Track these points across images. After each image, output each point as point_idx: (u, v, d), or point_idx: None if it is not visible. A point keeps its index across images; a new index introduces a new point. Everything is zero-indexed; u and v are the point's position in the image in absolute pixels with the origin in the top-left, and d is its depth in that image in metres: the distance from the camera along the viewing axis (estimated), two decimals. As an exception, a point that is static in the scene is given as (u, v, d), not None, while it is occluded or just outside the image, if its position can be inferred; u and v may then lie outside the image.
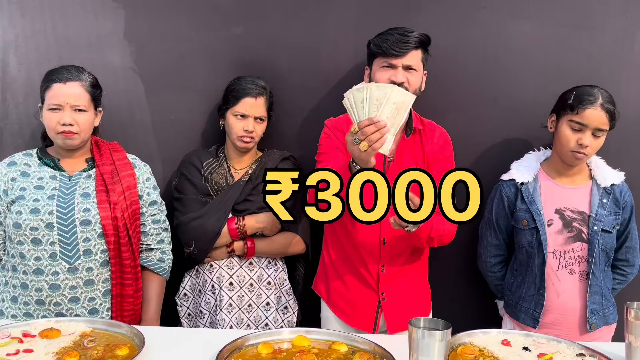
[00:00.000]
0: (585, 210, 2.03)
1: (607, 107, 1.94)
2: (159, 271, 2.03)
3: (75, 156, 1.94)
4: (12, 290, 1.86)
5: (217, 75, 2.24)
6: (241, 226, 2.03)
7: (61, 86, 1.84)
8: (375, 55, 1.95)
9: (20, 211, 1.81)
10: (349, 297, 2.02)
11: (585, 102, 1.94)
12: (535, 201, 2.03)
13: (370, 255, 1.98)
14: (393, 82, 1.83)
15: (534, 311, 2.04)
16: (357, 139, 1.53)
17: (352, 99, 1.50)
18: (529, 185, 2.06)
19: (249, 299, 2.05)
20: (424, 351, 1.27)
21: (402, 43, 1.88)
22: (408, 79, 1.91)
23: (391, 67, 1.91)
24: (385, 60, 1.91)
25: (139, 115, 2.30)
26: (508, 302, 2.16)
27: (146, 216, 1.99)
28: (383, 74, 1.91)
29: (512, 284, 2.14)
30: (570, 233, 2.02)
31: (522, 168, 2.10)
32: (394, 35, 1.90)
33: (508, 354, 1.53)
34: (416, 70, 1.93)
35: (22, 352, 1.44)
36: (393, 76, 1.89)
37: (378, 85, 1.48)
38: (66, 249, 1.81)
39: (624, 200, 2.07)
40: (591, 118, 1.93)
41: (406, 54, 1.89)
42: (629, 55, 2.23)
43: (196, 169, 2.10)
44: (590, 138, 1.95)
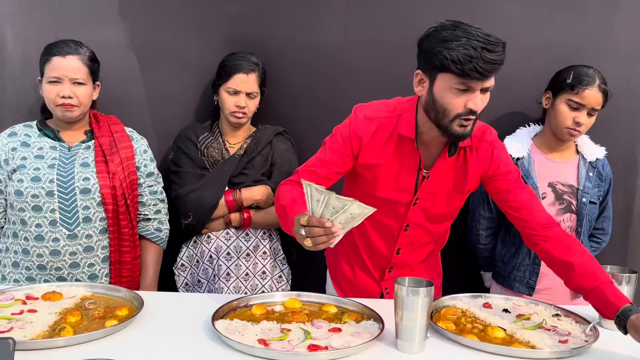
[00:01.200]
0: (574, 184, 2.13)
1: (603, 88, 2.02)
2: (156, 240, 2.09)
3: (74, 128, 1.99)
4: (13, 255, 1.92)
5: (210, 52, 2.27)
6: (238, 198, 2.10)
7: (60, 60, 1.89)
8: (445, 70, 1.49)
9: (22, 179, 1.86)
10: (353, 281, 1.95)
11: (585, 82, 2.01)
12: (531, 175, 2.11)
13: (381, 258, 1.88)
14: (471, 111, 1.52)
15: (529, 279, 2.13)
16: (303, 234, 1.37)
17: (309, 193, 1.37)
18: (524, 160, 2.12)
19: (245, 268, 2.13)
20: (408, 307, 1.34)
21: (490, 64, 1.45)
22: (482, 101, 1.54)
23: (468, 89, 1.50)
24: (462, 82, 1.49)
25: (134, 91, 2.34)
26: (499, 273, 2.23)
27: (143, 187, 2.05)
28: (458, 98, 1.51)
29: (504, 255, 2.21)
30: (561, 205, 2.11)
31: (516, 143, 2.15)
32: (478, 50, 1.44)
33: (488, 315, 1.62)
34: (489, 88, 1.55)
35: (27, 312, 1.51)
36: (471, 102, 1.51)
37: (338, 198, 1.33)
38: (66, 216, 1.87)
39: (606, 174, 2.17)
40: (590, 98, 2.02)
41: (491, 77, 1.50)
42: (609, 34, 2.30)
43: (192, 143, 2.15)
44: (586, 117, 2.04)
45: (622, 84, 2.26)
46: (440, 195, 1.75)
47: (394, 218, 1.78)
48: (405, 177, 1.72)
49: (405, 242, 1.82)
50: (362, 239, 1.88)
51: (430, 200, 1.75)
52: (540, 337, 1.46)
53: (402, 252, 1.85)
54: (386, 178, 1.72)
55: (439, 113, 1.56)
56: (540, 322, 1.57)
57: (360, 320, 1.53)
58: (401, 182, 1.72)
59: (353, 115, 1.73)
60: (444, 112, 1.54)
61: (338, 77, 2.32)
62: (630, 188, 2.40)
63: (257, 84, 2.13)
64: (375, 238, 1.84)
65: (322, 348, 1.33)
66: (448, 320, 1.56)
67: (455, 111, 1.53)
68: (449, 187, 1.75)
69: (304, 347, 1.34)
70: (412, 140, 1.67)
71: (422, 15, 2.04)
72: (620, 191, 2.37)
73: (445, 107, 1.54)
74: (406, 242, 1.82)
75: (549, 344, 1.42)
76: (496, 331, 1.49)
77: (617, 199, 2.34)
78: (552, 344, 1.42)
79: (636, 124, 2.37)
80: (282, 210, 1.60)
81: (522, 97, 2.25)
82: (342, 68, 2.30)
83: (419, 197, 1.74)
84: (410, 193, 1.73)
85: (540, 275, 2.13)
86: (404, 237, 1.81)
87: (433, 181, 1.72)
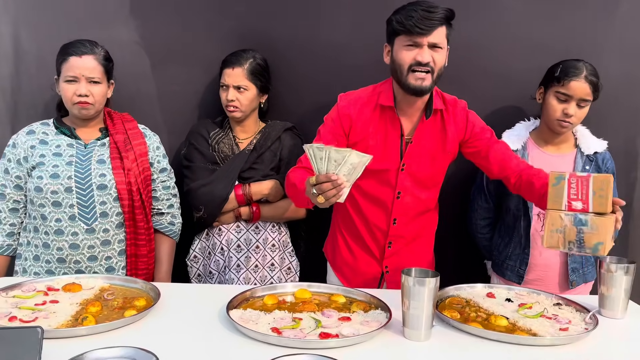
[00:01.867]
0: None
1: (591, 79, 2.06)
2: (169, 234, 2.16)
3: (89, 126, 2.06)
4: (34, 249, 1.99)
5: (219, 49, 2.31)
6: (247, 192, 2.16)
7: (77, 59, 1.95)
8: (397, 33, 1.81)
9: (41, 176, 1.93)
10: (354, 265, 2.08)
11: (571, 74, 2.06)
12: None
13: (379, 232, 2.02)
14: (419, 62, 1.78)
15: (519, 268, 2.20)
16: (315, 192, 1.53)
17: (311, 153, 1.53)
18: (518, 153, 2.17)
19: (255, 260, 2.19)
20: (414, 297, 1.40)
21: (428, 20, 1.75)
22: (434, 57, 1.80)
23: (416, 45, 1.79)
24: (409, 38, 1.78)
25: (145, 88, 2.39)
26: (495, 262, 2.31)
27: (157, 182, 2.12)
28: (407, 53, 1.80)
29: (499, 244, 2.28)
30: None
31: (513, 137, 2.21)
32: (418, 11, 1.76)
33: (492, 305, 1.68)
34: (441, 47, 1.81)
35: (49, 302, 1.57)
36: (419, 55, 1.78)
37: (337, 150, 1.49)
38: (84, 211, 1.94)
39: (606, 167, 2.20)
40: (576, 89, 2.06)
41: (432, 32, 1.77)
42: (610, 29, 2.34)
43: (204, 138, 2.21)
44: (575, 108, 2.08)
45: (622, 78, 2.31)
46: (424, 158, 1.95)
47: (385, 188, 1.97)
48: (391, 145, 1.93)
49: (400, 211, 1.98)
50: (360, 217, 2.03)
51: (416, 165, 1.95)
52: (541, 325, 1.52)
53: (398, 222, 2.00)
54: (374, 149, 1.90)
55: (397, 71, 1.84)
56: (541, 310, 1.63)
57: (369, 310, 1.60)
58: (388, 150, 1.93)
59: (339, 101, 1.98)
60: (400, 68, 1.82)
61: (345, 73, 2.36)
62: (631, 180, 2.46)
63: (244, 76, 2.15)
64: (371, 212, 2.01)
65: (333, 336, 1.40)
66: (453, 309, 1.62)
67: (407, 64, 1.80)
68: (432, 150, 1.95)
69: (316, 335, 1.40)
70: (391, 108, 1.91)
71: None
72: (621, 184, 2.41)
73: (400, 62, 1.82)
74: (400, 211, 1.98)
75: (550, 332, 1.48)
76: (499, 319, 1.54)
77: (619, 192, 2.39)
78: (553, 332, 1.48)
79: (637, 117, 2.41)
80: (293, 188, 1.79)
81: (523, 92, 2.29)
82: (349, 64, 2.35)
83: (405, 163, 1.94)
84: (397, 159, 1.94)
85: (530, 267, 2.18)
86: (398, 205, 1.97)
87: (416, 145, 1.93)
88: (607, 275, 1.64)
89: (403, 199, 1.97)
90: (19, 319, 1.44)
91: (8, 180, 1.98)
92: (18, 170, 1.97)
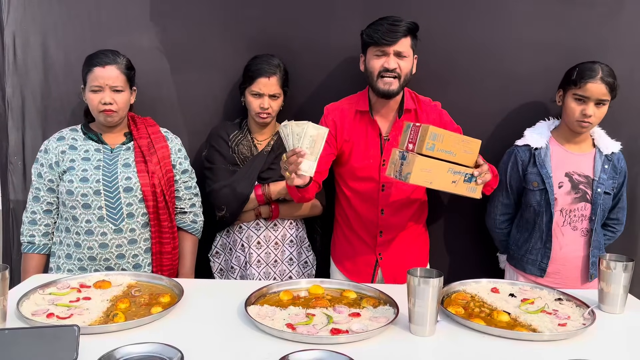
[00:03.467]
0: (589, 174, 2.24)
1: (607, 80, 2.11)
2: (192, 231, 2.29)
3: (115, 131, 2.18)
4: (66, 248, 2.13)
5: (236, 53, 2.42)
6: (267, 192, 2.27)
7: (101, 70, 2.06)
8: (368, 45, 2.10)
9: (72, 180, 2.06)
10: (351, 254, 2.28)
11: (587, 76, 2.12)
12: (545, 165, 2.22)
13: (370, 223, 2.22)
14: (386, 69, 2.05)
15: (541, 262, 2.27)
16: (285, 166, 1.80)
17: (282, 133, 1.79)
18: (541, 151, 2.24)
19: (274, 256, 2.31)
20: (420, 295, 1.50)
21: (392, 32, 2.02)
22: (399, 64, 2.06)
23: (383, 54, 2.06)
24: (377, 49, 2.06)
25: (166, 92, 2.49)
26: (513, 256, 2.38)
27: (179, 183, 2.23)
28: (376, 61, 2.07)
29: (518, 239, 2.35)
30: (577, 194, 2.23)
31: (535, 135, 2.28)
32: (384, 25, 2.03)
33: (496, 300, 1.76)
34: (406, 56, 2.07)
35: (82, 299, 1.70)
36: (386, 63, 2.05)
37: (297, 123, 1.75)
38: (112, 212, 2.07)
39: (620, 167, 2.27)
40: (592, 90, 2.12)
41: (396, 42, 2.03)
42: (616, 30, 2.38)
43: (224, 141, 2.32)
44: (594, 108, 2.14)
45: (627, 78, 2.34)
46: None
47: (371, 182, 2.20)
48: (371, 144, 2.18)
49: (386, 202, 2.20)
50: (352, 212, 2.26)
51: None
52: (541, 321, 1.60)
53: (386, 212, 2.21)
54: (357, 149, 2.18)
55: (369, 77, 2.12)
56: (542, 306, 1.71)
57: (378, 305, 1.70)
58: (369, 149, 2.18)
59: (325, 112, 2.24)
60: (371, 75, 2.10)
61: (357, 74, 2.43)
62: (634, 176, 2.50)
63: (279, 85, 2.26)
64: (362, 206, 2.23)
65: (344, 332, 1.50)
66: (458, 304, 1.71)
67: (376, 70, 2.08)
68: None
69: (327, 331, 1.51)
70: (367, 112, 2.18)
71: (436, 16, 2.15)
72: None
73: (370, 70, 2.10)
74: (386, 202, 2.20)
75: (549, 327, 1.56)
76: (501, 315, 1.63)
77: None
78: (552, 327, 1.56)
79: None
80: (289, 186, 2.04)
81: (532, 92, 2.35)
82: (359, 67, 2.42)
83: (385, 159, 2.15)
84: (378, 156, 2.18)
85: (550, 260, 2.25)
86: (383, 197, 2.20)
87: (393, 142, 2.15)
88: (606, 272, 1.71)
89: (387, 191, 2.20)
90: (56, 316, 1.56)
91: (42, 184, 2.12)
92: (50, 174, 2.11)
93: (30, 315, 1.55)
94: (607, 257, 1.73)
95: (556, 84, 2.25)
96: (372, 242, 2.25)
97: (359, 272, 2.27)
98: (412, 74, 2.14)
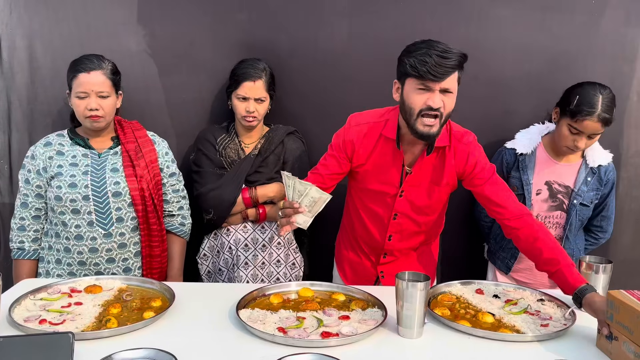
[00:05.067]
0: (570, 185, 2.28)
1: (605, 116, 2.07)
2: (180, 234, 2.31)
3: (102, 135, 2.18)
4: (56, 253, 2.13)
5: (224, 57, 2.43)
6: (254, 195, 2.29)
7: (86, 75, 2.05)
8: (408, 75, 1.78)
9: (60, 185, 2.06)
10: (354, 264, 2.22)
11: (585, 113, 2.07)
12: (527, 172, 2.27)
13: (376, 244, 2.12)
14: (430, 107, 1.77)
15: (508, 261, 2.34)
16: (280, 214, 1.82)
17: (284, 180, 1.79)
18: (527, 157, 2.28)
19: (262, 258, 2.34)
20: (407, 298, 1.54)
21: (441, 67, 1.72)
22: (444, 102, 1.78)
23: (427, 89, 1.76)
24: (421, 82, 1.76)
25: (154, 95, 2.50)
26: (490, 249, 2.46)
27: (167, 186, 2.25)
28: (419, 97, 1.78)
29: (497, 235, 2.42)
30: (554, 203, 2.28)
31: (525, 140, 2.30)
32: (433, 56, 1.72)
33: (480, 301, 1.81)
34: (452, 92, 1.80)
35: (74, 304, 1.70)
36: (429, 100, 1.76)
37: (301, 182, 1.76)
38: (101, 217, 2.08)
39: (607, 178, 2.30)
40: (588, 127, 2.10)
41: (446, 78, 1.74)
42: (596, 36, 2.44)
43: (211, 144, 2.33)
44: (585, 140, 2.14)
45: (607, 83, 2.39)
46: (421, 188, 2.02)
47: (383, 208, 2.06)
48: (391, 173, 2.00)
49: (395, 229, 2.08)
50: (361, 228, 2.15)
51: (414, 193, 2.02)
52: (524, 322, 1.65)
53: (393, 239, 2.10)
54: (375, 173, 2.01)
55: (406, 112, 1.84)
56: (525, 307, 1.76)
57: (366, 308, 1.73)
58: (388, 176, 2.01)
59: (347, 124, 2.03)
60: (410, 111, 1.82)
61: (343, 78, 2.48)
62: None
63: (265, 89, 2.27)
64: (370, 226, 2.11)
65: (334, 335, 1.53)
66: (444, 306, 1.76)
67: (418, 108, 1.79)
68: (429, 181, 2.01)
69: (318, 334, 1.54)
70: (394, 141, 1.95)
71: (422, 20, 2.18)
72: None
73: (410, 105, 1.81)
74: (396, 229, 2.07)
75: (532, 328, 1.61)
76: (486, 316, 1.68)
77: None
78: (534, 328, 1.61)
79: (620, 120, 2.52)
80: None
81: (513, 97, 2.40)
82: (347, 70, 2.47)
83: (403, 190, 2.02)
84: (396, 186, 2.01)
85: (521, 256, 2.31)
86: (393, 225, 2.07)
87: (415, 176, 1.99)
88: (586, 274, 1.78)
89: (399, 219, 2.06)
90: (48, 322, 1.57)
91: (30, 190, 2.12)
92: (38, 180, 2.11)
93: (22, 321, 1.56)
94: (587, 259, 1.79)
95: (538, 88, 2.32)
96: (375, 260, 2.18)
97: (359, 283, 2.16)
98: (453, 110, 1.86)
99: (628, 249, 2.64)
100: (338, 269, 2.30)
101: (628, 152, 2.55)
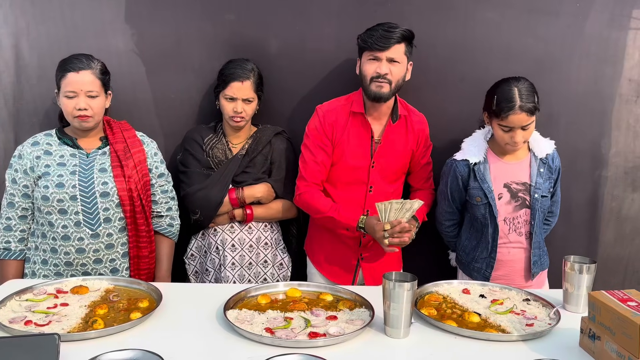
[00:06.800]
0: (527, 181, 2.28)
1: (527, 106, 2.08)
2: (168, 235, 2.30)
3: (90, 135, 2.17)
4: (42, 254, 2.12)
5: (212, 57, 2.43)
6: (241, 196, 2.29)
7: (75, 75, 2.04)
8: (363, 49, 2.15)
9: (47, 185, 2.05)
10: (332, 256, 2.32)
11: (505, 109, 2.09)
12: (486, 179, 2.25)
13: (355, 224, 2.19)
14: (378, 73, 2.11)
15: (485, 271, 2.32)
16: (386, 236, 2.03)
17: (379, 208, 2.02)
18: (480, 165, 2.26)
19: (249, 258, 2.34)
20: (395, 299, 1.55)
21: (385, 38, 2.07)
22: (391, 70, 2.11)
23: (376, 59, 2.11)
24: (371, 53, 2.11)
25: (142, 94, 2.49)
26: (461, 260, 2.42)
27: (155, 187, 2.24)
28: (370, 66, 2.13)
29: (466, 246, 2.39)
30: (517, 202, 2.28)
31: (473, 148, 2.29)
32: (379, 31, 2.08)
33: (467, 301, 1.83)
34: (399, 62, 2.13)
35: (60, 305, 1.70)
36: (378, 68, 2.11)
37: (395, 201, 2.01)
38: (89, 217, 2.07)
39: (555, 165, 2.31)
40: (515, 121, 2.12)
41: (389, 48, 2.09)
42: (579, 38, 2.47)
43: (198, 144, 2.33)
44: (521, 133, 2.15)
45: (591, 84, 2.45)
46: (391, 156, 2.28)
47: (359, 184, 2.28)
48: (362, 146, 2.25)
49: (372, 203, 2.19)
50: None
51: (384, 162, 2.27)
52: (510, 322, 1.66)
53: (371, 214, 2.20)
54: (350, 148, 2.24)
55: (362, 81, 2.17)
56: (511, 307, 1.78)
57: (354, 308, 1.74)
58: (360, 149, 2.25)
59: (316, 113, 2.27)
60: (364, 79, 2.16)
61: (331, 79, 2.49)
62: (596, 179, 2.61)
63: (252, 89, 2.27)
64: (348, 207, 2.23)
65: (321, 335, 1.54)
66: (431, 306, 1.77)
67: (369, 75, 2.14)
68: (397, 148, 2.28)
69: (305, 335, 1.55)
70: (362, 114, 2.23)
71: (409, 22, 2.19)
72: (588, 182, 2.58)
73: (364, 74, 2.16)
74: (372, 203, 2.17)
75: (517, 328, 1.63)
76: (472, 316, 1.69)
77: (585, 190, 2.55)
78: (520, 328, 1.63)
79: (603, 121, 2.56)
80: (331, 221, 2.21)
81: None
82: (335, 71, 2.48)
83: (375, 161, 2.25)
84: (368, 158, 2.25)
85: (498, 264, 2.31)
86: (370, 199, 2.25)
87: (384, 145, 2.25)
88: (570, 274, 1.79)
89: (374, 193, 2.27)
90: (34, 323, 1.56)
91: (16, 190, 2.10)
92: (25, 179, 2.09)
93: (7, 323, 1.55)
94: (572, 260, 1.81)
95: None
96: (355, 243, 2.30)
97: (339, 273, 2.32)
98: (404, 80, 2.20)
99: (609, 247, 2.67)
100: (315, 265, 2.38)
101: (609, 152, 2.58)
